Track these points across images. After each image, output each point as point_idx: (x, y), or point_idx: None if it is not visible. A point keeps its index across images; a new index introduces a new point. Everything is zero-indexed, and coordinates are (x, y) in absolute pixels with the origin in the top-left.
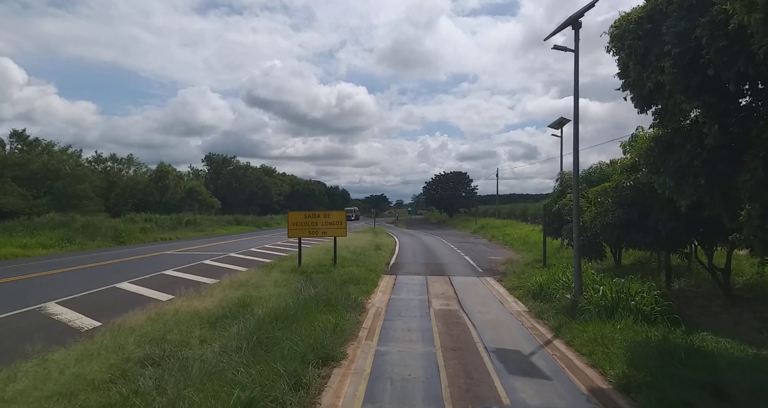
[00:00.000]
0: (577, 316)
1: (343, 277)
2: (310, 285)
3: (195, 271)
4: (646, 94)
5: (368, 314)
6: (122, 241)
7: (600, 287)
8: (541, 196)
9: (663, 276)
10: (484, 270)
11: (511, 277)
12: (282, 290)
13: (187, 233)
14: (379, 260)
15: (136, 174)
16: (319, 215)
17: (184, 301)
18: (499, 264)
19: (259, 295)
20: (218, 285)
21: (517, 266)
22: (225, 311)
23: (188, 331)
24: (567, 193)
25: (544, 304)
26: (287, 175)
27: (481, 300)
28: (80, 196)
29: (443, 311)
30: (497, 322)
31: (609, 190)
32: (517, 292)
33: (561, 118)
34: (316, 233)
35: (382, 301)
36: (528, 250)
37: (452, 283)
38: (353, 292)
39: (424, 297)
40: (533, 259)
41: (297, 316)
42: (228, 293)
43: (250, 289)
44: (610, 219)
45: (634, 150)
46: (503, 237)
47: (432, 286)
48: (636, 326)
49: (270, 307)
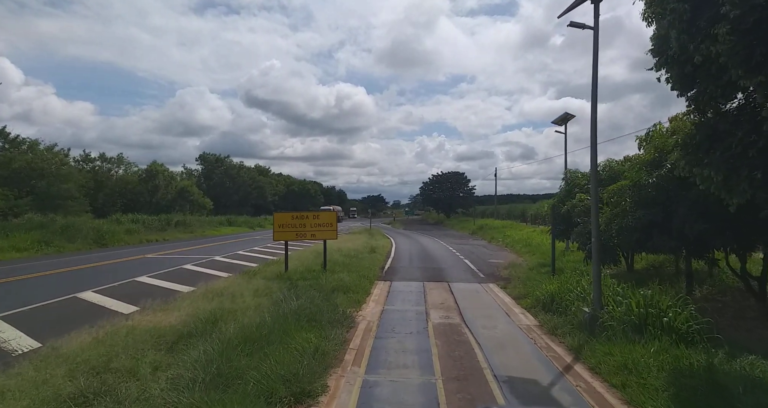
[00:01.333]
0: (598, 333)
1: (333, 285)
2: (293, 294)
3: (171, 278)
4: (690, 73)
5: (357, 330)
6: (104, 244)
7: (624, 300)
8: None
9: (682, 283)
10: (485, 275)
11: (516, 283)
12: (262, 301)
13: (175, 235)
14: (373, 264)
15: (127, 173)
16: (308, 216)
17: (147, 314)
18: (501, 268)
19: (234, 307)
20: (191, 295)
21: (520, 271)
22: (191, 328)
23: (140, 355)
24: (576, 193)
25: (557, 318)
26: (282, 175)
27: (485, 311)
28: (64, 196)
29: (443, 326)
30: (506, 341)
31: (626, 188)
32: (524, 302)
33: (565, 114)
34: (305, 236)
35: (375, 313)
36: (531, 253)
37: (452, 291)
38: (342, 302)
39: (422, 308)
40: (537, 263)
41: (272, 336)
42: (199, 305)
43: (225, 300)
44: (629, 221)
45: (654, 145)
46: (503, 238)
47: (430, 294)
48: (674, 350)
49: (243, 324)
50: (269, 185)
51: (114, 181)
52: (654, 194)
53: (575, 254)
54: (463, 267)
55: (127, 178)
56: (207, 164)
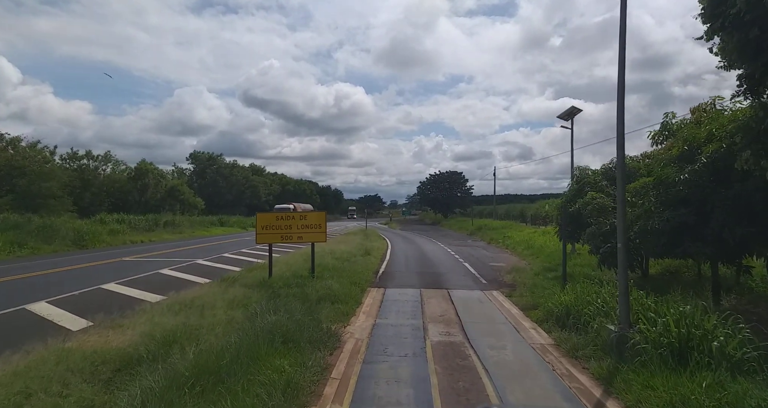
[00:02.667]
0: (629, 358)
1: (319, 294)
2: (272, 306)
3: (141, 285)
4: (755, 38)
5: (343, 351)
6: (84, 245)
7: (658, 318)
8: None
9: (706, 291)
10: (488, 281)
11: (522, 291)
12: (235, 315)
13: (162, 235)
14: (366, 268)
15: (115, 172)
16: (294, 217)
17: (95, 332)
18: (503, 273)
19: (201, 323)
20: (157, 306)
21: (525, 276)
22: (141, 352)
23: (64, 392)
24: (586, 192)
25: (575, 336)
26: (277, 175)
27: (490, 326)
28: (45, 195)
29: (444, 345)
30: (518, 366)
31: (650, 186)
32: (534, 315)
33: (572, 108)
34: (290, 238)
35: (365, 328)
36: (534, 256)
37: (452, 300)
38: (328, 315)
39: (418, 321)
40: (542, 267)
41: (235, 365)
42: (161, 320)
43: (193, 313)
44: (656, 223)
45: (681, 138)
46: (504, 240)
47: (428, 303)
48: (732, 384)
49: (203, 348)
50: (264, 185)
51: (101, 180)
52: (686, 192)
53: (583, 257)
54: (462, 271)
55: (115, 176)
56: (199, 163)
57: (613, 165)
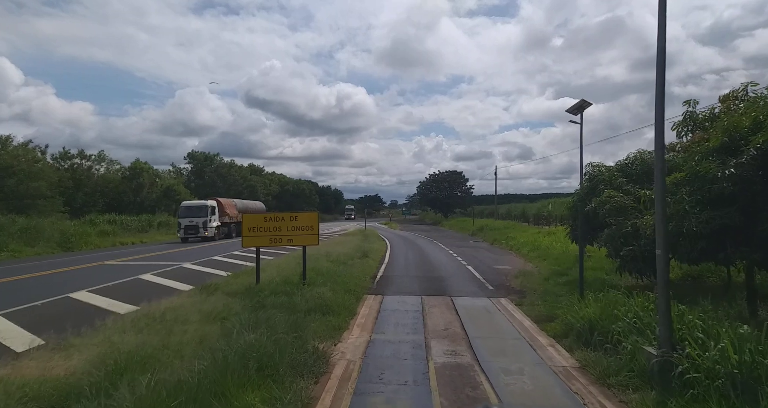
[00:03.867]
0: (678, 391)
1: (310, 303)
2: (254, 320)
3: (115, 293)
4: None
5: (331, 378)
6: (70, 248)
7: (710, 341)
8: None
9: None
10: (494, 287)
11: (533, 298)
12: (209, 331)
13: (155, 237)
14: (364, 272)
15: (109, 172)
16: (284, 218)
17: (40, 356)
18: (510, 277)
19: (167, 342)
20: (120, 321)
21: (534, 281)
22: (84, 384)
23: None
24: (601, 190)
25: (604, 358)
26: (276, 175)
27: (502, 342)
28: (34, 196)
29: (450, 369)
30: (541, 398)
31: (682, 183)
32: (550, 328)
33: (582, 101)
34: (280, 241)
35: (358, 345)
36: (541, 258)
37: (456, 309)
38: (317, 330)
39: (420, 336)
40: (551, 270)
41: (193, 405)
42: (121, 340)
43: (161, 329)
44: (692, 225)
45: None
46: (507, 241)
47: (430, 314)
48: None
49: (166, 375)
50: (262, 185)
51: (95, 180)
52: (731, 189)
53: (594, 260)
54: (466, 275)
55: (109, 176)
56: (196, 163)
57: (629, 161)
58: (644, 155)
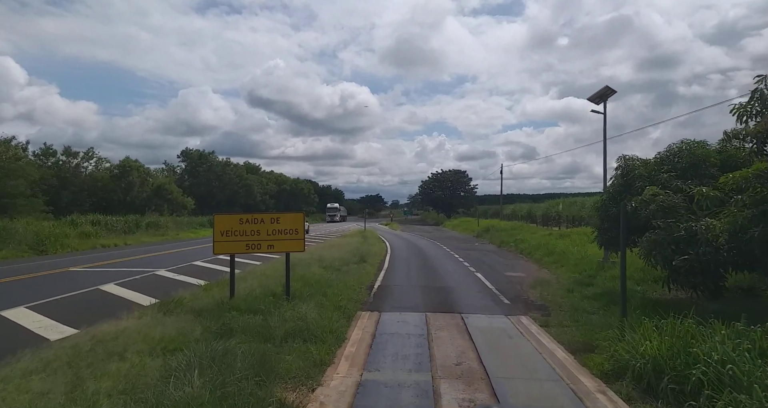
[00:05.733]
0: None
1: (288, 326)
2: (209, 355)
3: (58, 310)
4: None
5: None
6: (43, 250)
7: None
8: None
9: None
10: (510, 300)
11: (561, 317)
12: (148, 369)
13: (142, 238)
14: (359, 281)
15: (98, 170)
16: (263, 220)
17: None
18: (526, 287)
19: (78, 391)
20: (42, 354)
21: (555, 293)
22: None
23: None
24: (639, 186)
25: None
26: (274, 173)
27: (534, 386)
28: (12, 194)
29: None
30: None
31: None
32: (593, 363)
33: (606, 88)
34: (258, 248)
35: (343, 393)
36: (557, 264)
37: (470, 332)
38: (291, 368)
39: (425, 375)
40: (573, 279)
41: None
42: (19, 386)
43: (83, 368)
44: None
45: None
46: (516, 243)
47: (438, 338)
48: None
49: None
50: (259, 184)
51: (82, 179)
52: None
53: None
54: (476, 285)
55: (97, 175)
56: (190, 161)
57: (671, 153)
58: (691, 146)
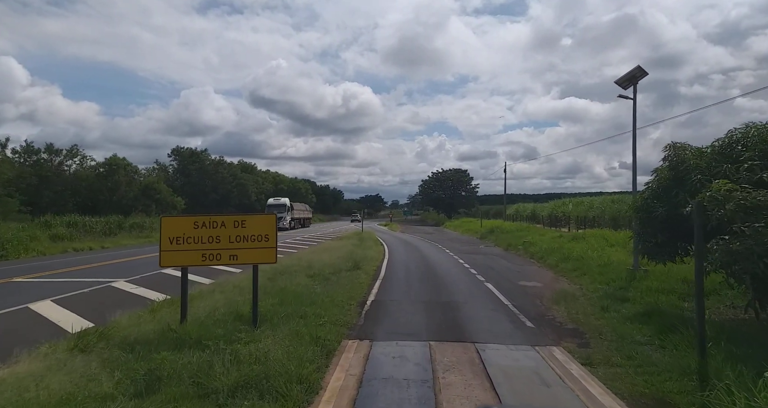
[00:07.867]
0: None
1: (240, 374)
2: None
3: None
4: None
5: None
6: (4, 255)
7: None
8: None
9: None
10: (533, 320)
11: (603, 349)
12: None
13: (123, 240)
14: (350, 294)
15: (83, 168)
16: (224, 223)
17: None
18: (547, 301)
19: None
20: None
21: (586, 309)
22: None
23: None
24: (697, 181)
25: None
26: (270, 173)
27: None
28: None
29: None
30: None
31: None
32: None
33: (637, 68)
34: (218, 258)
35: None
36: (578, 272)
37: (490, 376)
38: None
39: None
40: (601, 292)
41: None
42: None
43: None
44: None
45: None
46: (525, 246)
47: (447, 389)
48: None
49: None
50: (255, 183)
51: (66, 178)
52: None
53: (655, 279)
54: (488, 299)
55: (82, 173)
56: (181, 159)
57: (733, 139)
58: (761, 131)
